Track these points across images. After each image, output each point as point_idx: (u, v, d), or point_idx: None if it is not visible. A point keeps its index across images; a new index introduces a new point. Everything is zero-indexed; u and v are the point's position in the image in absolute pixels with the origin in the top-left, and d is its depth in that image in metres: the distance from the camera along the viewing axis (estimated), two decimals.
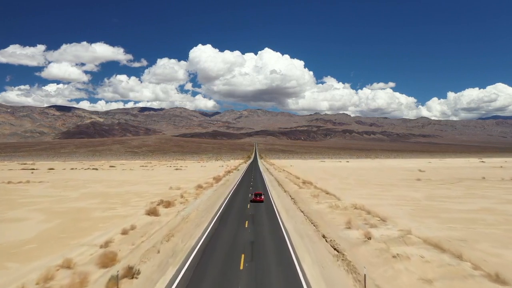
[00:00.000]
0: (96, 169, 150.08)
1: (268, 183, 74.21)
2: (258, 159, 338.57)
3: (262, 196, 46.94)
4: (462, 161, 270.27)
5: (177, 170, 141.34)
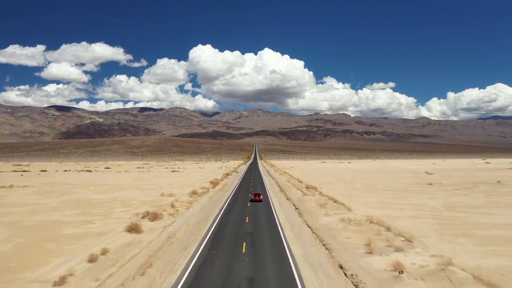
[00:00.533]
0: (90, 171, 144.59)
1: (268, 188, 68.73)
2: (258, 160, 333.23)
3: (261, 196, 52.15)
4: (466, 162, 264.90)
5: (173, 172, 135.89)
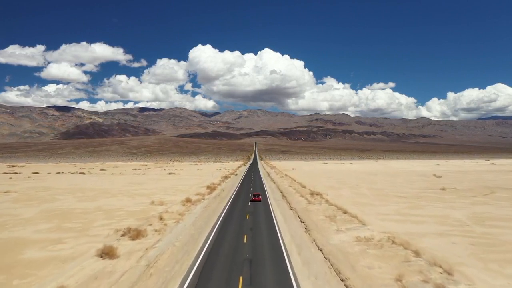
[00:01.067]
0: (83, 173, 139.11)
1: (270, 195, 63.18)
2: (258, 161, 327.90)
3: (260, 196, 55.79)
4: (470, 163, 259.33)
5: (170, 174, 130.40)
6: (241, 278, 20.52)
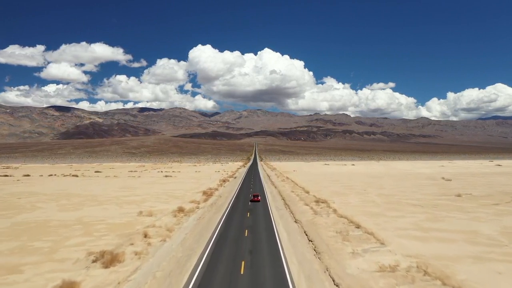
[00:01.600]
0: (76, 176, 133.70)
1: (271, 203, 57.64)
2: (258, 162, 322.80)
3: (259, 197, 59.07)
4: (474, 164, 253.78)
5: (166, 177, 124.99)
6: None
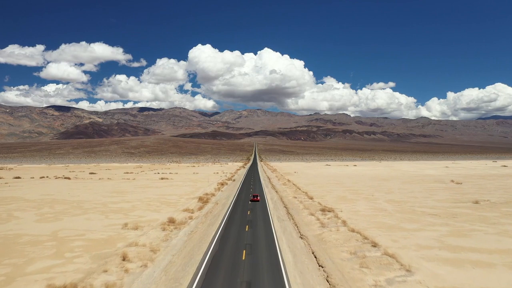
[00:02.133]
0: (69, 178, 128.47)
1: (272, 213, 52.20)
2: (258, 162, 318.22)
3: (258, 197, 60.91)
4: (478, 164, 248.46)
5: (162, 179, 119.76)
6: None
